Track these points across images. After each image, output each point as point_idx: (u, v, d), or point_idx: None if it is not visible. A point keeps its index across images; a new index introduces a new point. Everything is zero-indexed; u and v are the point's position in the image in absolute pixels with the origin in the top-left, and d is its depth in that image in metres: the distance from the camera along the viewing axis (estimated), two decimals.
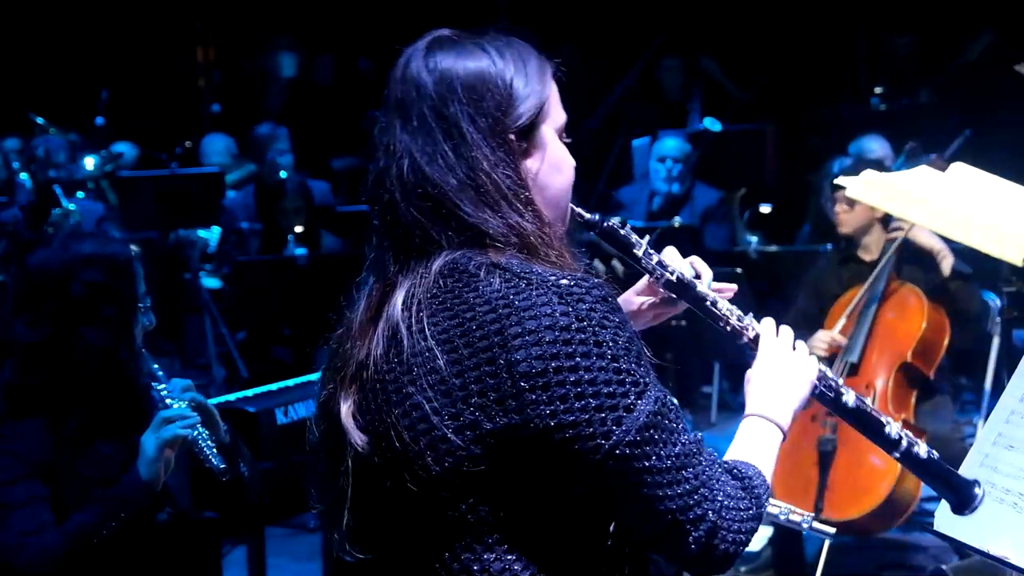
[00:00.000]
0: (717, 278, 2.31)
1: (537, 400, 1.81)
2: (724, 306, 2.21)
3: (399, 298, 1.90)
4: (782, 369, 2.14)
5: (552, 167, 1.98)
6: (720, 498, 1.88)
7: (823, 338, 5.30)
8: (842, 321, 5.28)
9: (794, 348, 2.18)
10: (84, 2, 11.10)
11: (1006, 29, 8.91)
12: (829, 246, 5.92)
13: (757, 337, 2.19)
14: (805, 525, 2.77)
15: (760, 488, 1.96)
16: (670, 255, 2.24)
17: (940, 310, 5.30)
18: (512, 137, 1.93)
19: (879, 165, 5.62)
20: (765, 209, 8.89)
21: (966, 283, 5.31)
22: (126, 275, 3.32)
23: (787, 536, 5.17)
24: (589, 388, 1.82)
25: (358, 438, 1.93)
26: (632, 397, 1.83)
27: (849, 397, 2.21)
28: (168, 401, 3.28)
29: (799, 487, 5.17)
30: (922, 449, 2.27)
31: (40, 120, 9.44)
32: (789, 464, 5.24)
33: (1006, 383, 2.73)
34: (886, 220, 5.38)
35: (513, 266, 1.86)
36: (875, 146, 7.13)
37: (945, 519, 2.65)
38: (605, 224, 2.16)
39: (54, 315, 3.24)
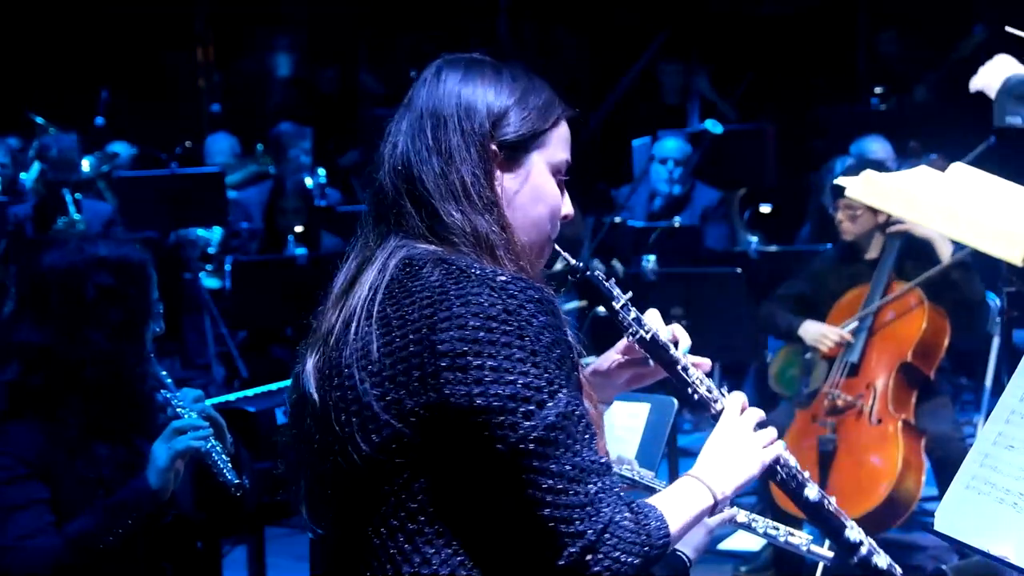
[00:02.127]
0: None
1: (454, 379, 1.89)
2: (696, 375, 2.24)
3: (365, 284, 2.01)
4: (736, 445, 2.15)
5: (533, 194, 2.09)
6: (604, 520, 1.88)
7: (830, 335, 5.29)
8: (853, 323, 5.27)
9: (756, 428, 2.19)
10: (84, 2, 11.10)
11: (998, 25, 8.91)
12: (829, 246, 5.92)
13: (723, 410, 2.20)
14: (804, 548, 2.77)
15: (656, 532, 1.94)
16: (651, 316, 2.27)
17: (940, 310, 5.30)
18: (493, 146, 2.05)
19: (879, 165, 5.62)
20: (765, 209, 8.89)
21: (967, 270, 5.30)
22: (139, 280, 3.31)
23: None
24: (505, 376, 1.88)
25: (315, 393, 2.03)
26: (545, 395, 1.89)
27: (811, 491, 2.24)
28: (179, 411, 3.26)
29: None
30: (882, 560, 2.26)
31: (40, 120, 9.44)
32: None
33: (1006, 383, 2.73)
34: (887, 224, 5.38)
35: (458, 261, 1.96)
36: (875, 146, 7.13)
37: (945, 519, 2.66)
38: (588, 273, 2.22)
39: (62, 316, 3.23)
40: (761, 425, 2.20)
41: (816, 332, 5.34)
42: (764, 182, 8.91)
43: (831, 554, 2.85)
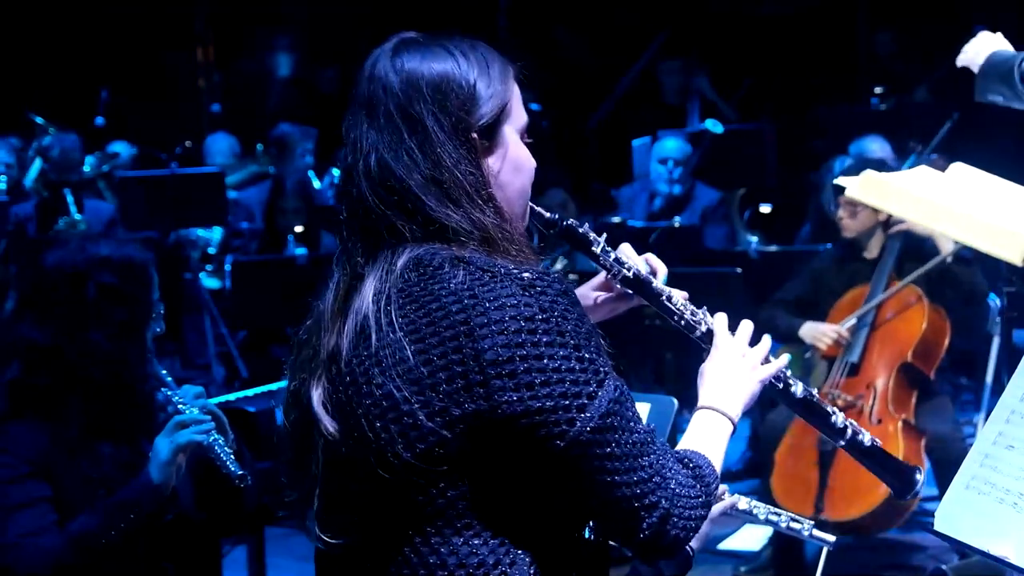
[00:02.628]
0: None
1: (504, 387, 1.88)
2: (678, 301, 2.29)
3: (368, 292, 1.97)
4: (733, 364, 2.22)
5: (512, 166, 2.05)
6: (672, 486, 1.95)
7: (829, 332, 5.30)
8: (851, 320, 5.28)
9: (751, 344, 2.26)
10: (84, 2, 11.10)
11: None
12: (829, 246, 5.92)
13: (710, 332, 2.27)
14: (805, 532, 2.78)
15: (709, 477, 2.04)
16: (626, 252, 2.32)
17: (941, 311, 5.30)
18: (475, 136, 2.00)
19: (879, 165, 5.61)
20: (765, 209, 8.88)
21: (969, 264, 5.30)
22: (141, 280, 3.31)
23: (787, 536, 5.17)
24: (554, 376, 1.89)
25: (329, 425, 1.99)
26: (594, 386, 1.91)
27: (797, 388, 2.30)
28: (181, 407, 3.27)
29: (799, 487, 5.17)
30: (866, 438, 2.40)
31: (40, 120, 9.44)
32: (790, 464, 5.24)
33: (1006, 383, 2.73)
34: (888, 223, 5.38)
35: (477, 260, 1.93)
36: (875, 146, 7.13)
37: (945, 519, 2.66)
38: (564, 223, 2.25)
39: (64, 315, 3.23)
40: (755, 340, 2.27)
41: (814, 330, 5.34)
42: (764, 182, 8.91)
43: (832, 538, 2.86)
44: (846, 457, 5.26)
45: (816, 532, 2.70)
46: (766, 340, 2.27)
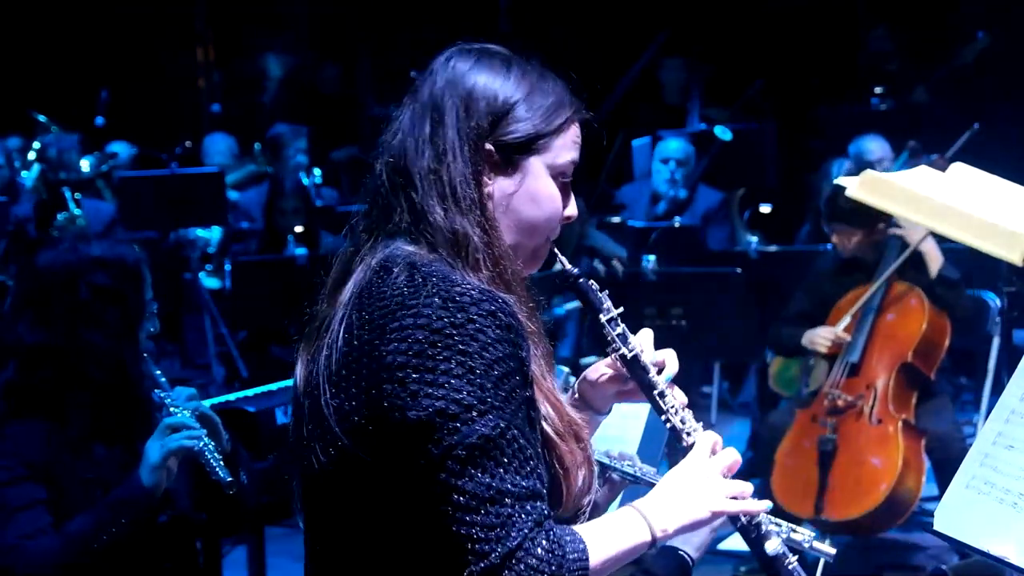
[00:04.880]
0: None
1: (393, 392, 1.88)
2: (672, 403, 2.17)
3: (350, 285, 2.00)
4: (691, 486, 2.04)
5: (529, 197, 2.04)
6: (512, 545, 1.84)
7: (826, 334, 5.31)
8: (846, 319, 5.28)
9: (723, 475, 2.07)
10: (84, 2, 11.10)
11: (1000, 31, 8.93)
12: (829, 246, 5.92)
13: (692, 446, 2.12)
14: (806, 545, 2.76)
15: (572, 561, 1.87)
16: (642, 336, 2.22)
17: (941, 311, 5.30)
18: (489, 147, 2.01)
19: (879, 165, 5.62)
20: (765, 209, 8.88)
21: (953, 287, 5.30)
22: (134, 279, 3.31)
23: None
24: (439, 391, 1.86)
25: (300, 396, 2.03)
26: (473, 413, 1.86)
27: (771, 544, 2.12)
28: (172, 409, 3.26)
29: (799, 487, 5.17)
30: None
31: (42, 118, 9.44)
32: (790, 464, 5.24)
33: (1006, 383, 2.73)
34: (883, 243, 5.39)
35: (427, 267, 1.94)
36: (875, 146, 7.13)
37: (945, 519, 2.66)
38: (580, 280, 2.18)
39: (59, 316, 3.23)
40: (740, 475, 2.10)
41: (812, 335, 5.35)
42: (764, 182, 8.91)
43: (833, 551, 2.85)
44: (846, 457, 5.30)
45: (817, 545, 2.68)
46: (745, 485, 2.07)
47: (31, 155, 8.48)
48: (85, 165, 8.60)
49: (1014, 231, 3.36)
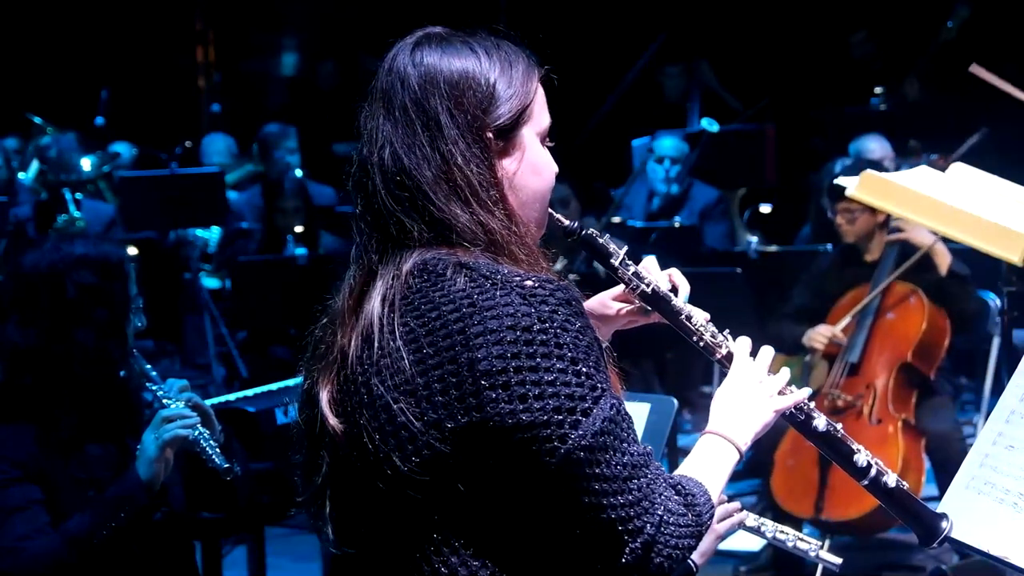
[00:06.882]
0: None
1: (497, 398, 1.83)
2: (698, 322, 2.22)
3: (376, 296, 1.93)
4: (749, 391, 2.13)
5: (530, 169, 2.00)
6: (660, 512, 1.87)
7: (824, 332, 5.30)
8: (846, 320, 5.28)
9: (770, 372, 2.16)
10: (84, 2, 11.10)
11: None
12: (829, 246, 5.92)
13: (730, 355, 2.19)
14: (812, 553, 2.75)
15: (703, 506, 1.95)
16: (649, 266, 2.26)
17: (941, 311, 5.29)
18: (490, 135, 1.96)
19: (879, 165, 5.62)
20: (765, 209, 8.88)
21: (963, 283, 5.30)
22: (118, 276, 3.32)
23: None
24: (548, 389, 1.84)
25: (336, 427, 1.95)
26: (589, 402, 1.85)
27: (819, 422, 2.18)
28: (165, 401, 3.27)
29: (800, 487, 5.17)
30: (891, 479, 2.22)
31: (39, 120, 9.43)
32: (790, 464, 5.24)
33: (1006, 383, 2.73)
34: (886, 223, 5.38)
35: (479, 266, 1.89)
36: (875, 146, 7.13)
37: None
38: (584, 232, 2.19)
39: (46, 317, 3.24)
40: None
41: (811, 333, 5.35)
42: (764, 182, 8.91)
43: (839, 560, 2.83)
44: None
45: (823, 554, 2.67)
46: (784, 371, 2.17)
47: (33, 164, 8.47)
48: (87, 165, 8.59)
49: (1014, 231, 3.35)
